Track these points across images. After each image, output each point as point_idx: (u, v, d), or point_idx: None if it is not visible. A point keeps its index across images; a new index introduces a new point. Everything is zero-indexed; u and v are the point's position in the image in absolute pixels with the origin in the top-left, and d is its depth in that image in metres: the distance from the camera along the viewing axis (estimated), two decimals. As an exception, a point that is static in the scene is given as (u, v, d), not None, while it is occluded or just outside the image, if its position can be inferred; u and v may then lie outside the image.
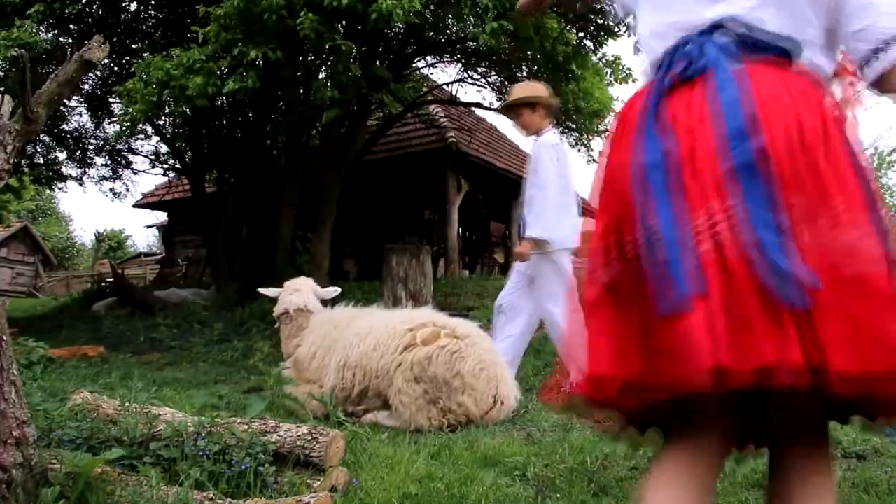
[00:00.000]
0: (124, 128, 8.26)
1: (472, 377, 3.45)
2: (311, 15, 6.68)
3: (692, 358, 1.05)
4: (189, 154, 13.14)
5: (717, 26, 1.32)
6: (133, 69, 8.12)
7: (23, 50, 2.37)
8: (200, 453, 2.26)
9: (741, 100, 1.19)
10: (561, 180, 4.53)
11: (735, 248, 1.09)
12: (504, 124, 35.44)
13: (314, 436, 2.34)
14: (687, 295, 1.08)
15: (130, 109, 7.45)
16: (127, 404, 2.74)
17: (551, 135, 4.65)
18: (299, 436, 2.36)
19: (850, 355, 1.04)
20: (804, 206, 1.12)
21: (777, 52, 1.29)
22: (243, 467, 2.20)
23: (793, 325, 1.05)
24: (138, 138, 13.88)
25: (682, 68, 1.27)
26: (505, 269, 16.73)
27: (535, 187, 4.46)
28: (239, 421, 2.49)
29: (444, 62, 12.94)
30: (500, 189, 16.05)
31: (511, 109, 4.79)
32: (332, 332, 4.00)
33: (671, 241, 1.13)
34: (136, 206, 19.13)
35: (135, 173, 15.89)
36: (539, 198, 4.42)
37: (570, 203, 4.63)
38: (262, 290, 4.63)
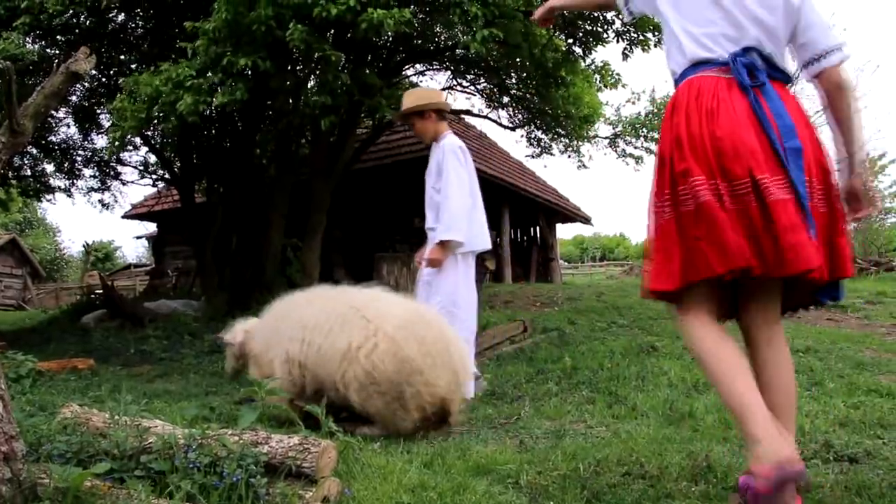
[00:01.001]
0: (115, 145, 8.23)
1: (423, 358, 3.40)
2: (299, 26, 6.68)
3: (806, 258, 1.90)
4: (178, 164, 13.11)
5: (752, 49, 2.09)
6: (121, 82, 8.09)
7: (8, 62, 2.35)
8: (191, 466, 2.25)
9: (784, 111, 2.01)
10: (470, 184, 4.58)
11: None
12: (494, 132, 35.40)
13: (305, 446, 2.32)
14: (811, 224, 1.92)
15: (121, 125, 7.42)
16: (117, 417, 2.72)
17: (452, 138, 4.65)
18: (291, 447, 2.34)
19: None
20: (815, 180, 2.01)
21: (781, 77, 2.14)
22: (235, 479, 2.18)
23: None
24: (127, 149, 13.85)
25: (746, 74, 2.04)
26: (496, 276, 16.73)
27: (444, 192, 4.46)
28: (230, 432, 2.47)
29: (433, 70, 12.98)
30: (490, 196, 16.06)
31: (403, 120, 4.84)
32: (278, 323, 3.93)
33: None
34: (126, 217, 19.06)
35: (123, 184, 15.86)
36: (449, 201, 4.42)
37: (479, 206, 4.69)
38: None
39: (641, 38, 9.62)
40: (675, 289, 2.05)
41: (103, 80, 11.48)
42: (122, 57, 11.02)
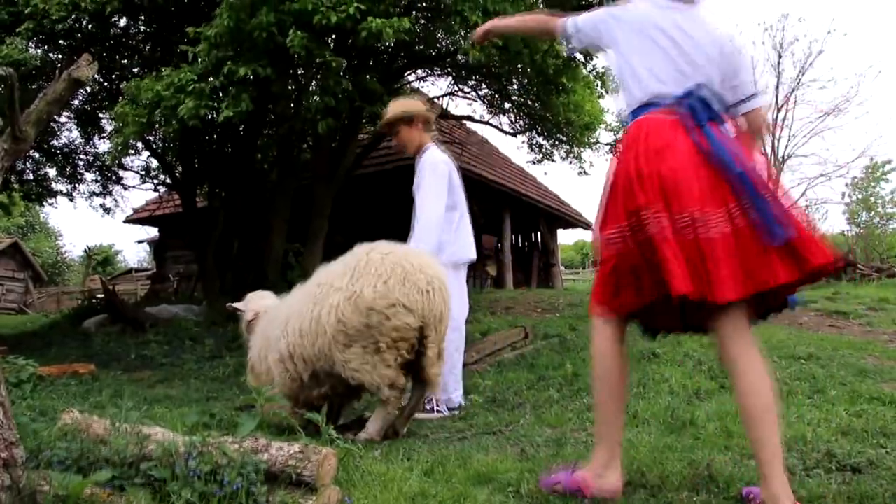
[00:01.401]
0: (117, 149, 8.24)
1: (380, 300, 3.39)
2: (299, 32, 6.69)
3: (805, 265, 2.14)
4: (180, 169, 13.12)
5: (701, 86, 2.34)
6: (123, 86, 8.11)
7: (11, 69, 2.36)
8: (191, 474, 2.24)
9: (727, 145, 2.23)
10: (454, 196, 4.55)
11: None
12: (495, 137, 35.37)
13: (306, 454, 2.32)
14: (785, 234, 2.10)
15: (123, 130, 7.43)
16: (117, 424, 2.71)
17: (436, 151, 4.61)
18: (291, 454, 2.33)
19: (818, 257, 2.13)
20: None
21: (720, 114, 2.34)
22: (235, 487, 2.18)
23: (780, 255, 2.12)
24: (128, 154, 13.86)
25: (696, 114, 2.27)
26: (497, 282, 16.72)
27: (418, 203, 4.44)
28: (230, 440, 2.47)
29: (434, 75, 13.00)
30: (491, 201, 16.06)
31: (388, 128, 4.76)
32: (268, 329, 3.99)
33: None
34: (127, 221, 19.06)
35: (125, 189, 15.86)
36: (422, 213, 4.39)
37: (465, 217, 4.66)
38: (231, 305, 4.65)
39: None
40: (646, 305, 2.30)
41: (105, 84, 11.51)
42: (125, 62, 11.05)
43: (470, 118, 14.45)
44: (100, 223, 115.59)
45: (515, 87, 12.21)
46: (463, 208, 4.67)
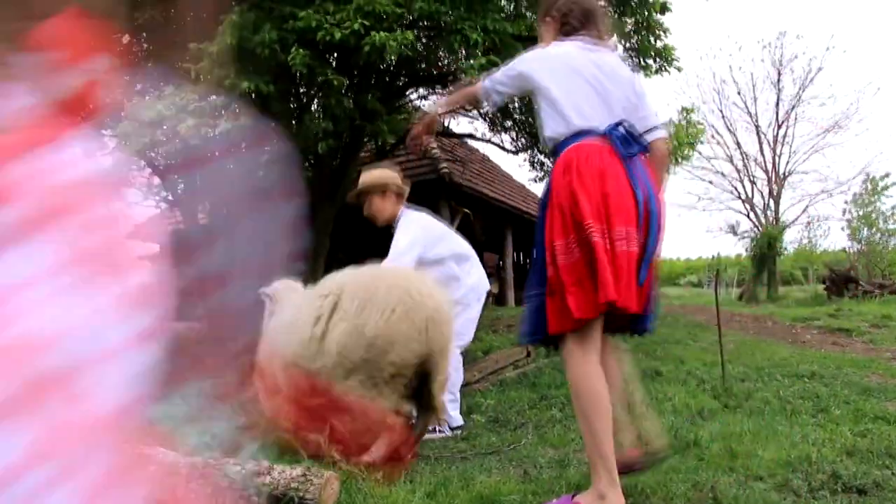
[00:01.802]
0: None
1: (380, 335, 3.33)
2: (301, 50, 6.72)
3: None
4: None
5: (621, 123, 2.57)
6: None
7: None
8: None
9: (647, 178, 2.55)
10: (438, 247, 4.51)
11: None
12: (497, 155, 35.46)
13: (308, 477, 2.31)
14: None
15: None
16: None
17: (410, 216, 4.55)
18: (293, 477, 2.32)
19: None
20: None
21: (643, 148, 2.62)
22: (236, 511, 2.17)
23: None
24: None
25: (624, 145, 2.52)
26: (499, 300, 16.69)
27: (389, 254, 4.40)
28: (232, 462, 2.46)
29: (435, 94, 13.02)
30: (493, 219, 16.08)
31: (360, 197, 4.66)
32: (273, 335, 3.94)
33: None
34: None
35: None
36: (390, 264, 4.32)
37: (467, 264, 4.66)
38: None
39: (643, 63, 9.68)
40: (595, 316, 2.44)
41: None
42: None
43: (471, 136, 14.48)
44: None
45: (517, 105, 12.25)
46: (458, 257, 4.65)
